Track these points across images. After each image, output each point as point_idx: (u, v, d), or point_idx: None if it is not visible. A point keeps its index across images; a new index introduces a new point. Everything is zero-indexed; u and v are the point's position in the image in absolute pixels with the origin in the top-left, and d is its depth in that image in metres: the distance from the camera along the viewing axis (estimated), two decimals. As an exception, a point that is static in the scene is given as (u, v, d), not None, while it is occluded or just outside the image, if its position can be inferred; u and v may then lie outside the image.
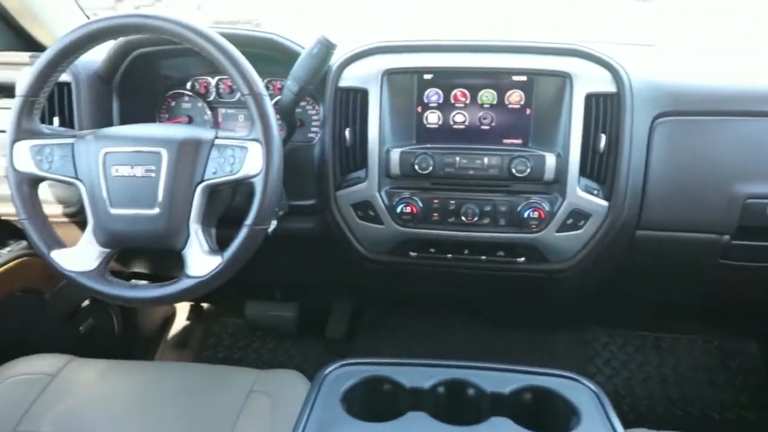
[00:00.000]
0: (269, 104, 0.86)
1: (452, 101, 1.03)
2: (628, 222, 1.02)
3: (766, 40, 1.57)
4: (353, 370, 0.75)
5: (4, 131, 0.89)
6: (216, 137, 0.87)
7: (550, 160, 0.99)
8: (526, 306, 1.59)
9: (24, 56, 1.16)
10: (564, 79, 0.99)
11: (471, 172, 1.01)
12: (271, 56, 1.08)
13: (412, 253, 1.08)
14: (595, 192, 1.01)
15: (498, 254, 1.06)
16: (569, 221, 1.01)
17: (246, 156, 0.84)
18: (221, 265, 0.84)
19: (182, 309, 1.84)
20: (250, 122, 0.86)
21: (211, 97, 1.19)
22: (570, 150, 0.99)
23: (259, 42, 1.07)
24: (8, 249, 1.22)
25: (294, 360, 1.71)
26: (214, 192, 0.88)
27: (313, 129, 1.17)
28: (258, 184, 0.84)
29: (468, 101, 1.03)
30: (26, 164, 0.88)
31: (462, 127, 1.04)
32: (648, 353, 1.65)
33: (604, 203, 1.00)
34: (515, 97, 1.02)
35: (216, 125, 1.20)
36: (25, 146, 0.88)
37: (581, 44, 1.02)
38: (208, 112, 1.20)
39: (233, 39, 0.88)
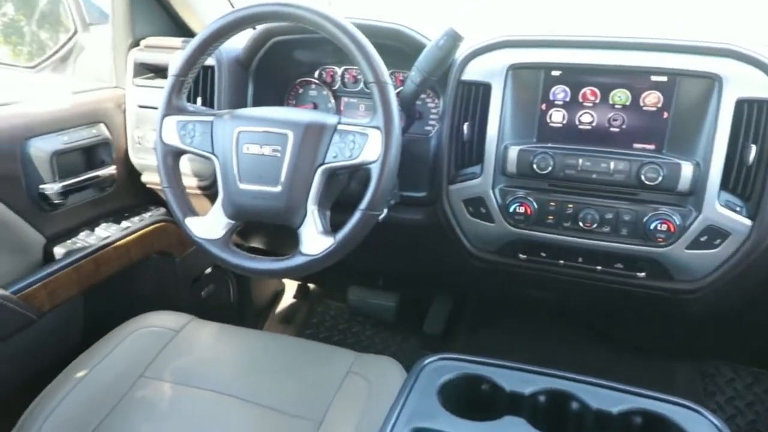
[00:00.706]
0: (393, 93, 0.87)
1: (580, 100, 0.98)
2: (776, 245, 0.90)
3: None
4: (452, 364, 0.74)
5: (156, 108, 0.99)
6: (339, 123, 0.90)
7: (687, 169, 0.90)
8: (643, 325, 1.47)
9: (177, 41, 1.28)
10: (712, 81, 0.90)
11: (594, 175, 0.95)
12: (397, 47, 1.09)
13: (521, 255, 1.05)
14: (738, 209, 0.90)
15: (616, 266, 0.99)
16: (703, 238, 0.92)
17: (366, 142, 0.86)
18: (333, 245, 0.87)
19: (291, 287, 1.94)
20: (370, 112, 0.88)
21: (336, 86, 1.24)
22: (711, 160, 0.89)
23: (386, 33, 1.09)
24: (150, 214, 1.36)
25: (390, 349, 1.73)
26: (332, 175, 0.91)
27: (430, 122, 1.17)
28: (374, 170, 0.85)
29: (597, 101, 0.97)
30: (172, 137, 0.97)
31: (588, 127, 0.98)
32: (782, 397, 1.46)
33: (747, 222, 0.90)
34: (652, 99, 0.94)
35: (338, 113, 1.25)
36: (172, 121, 0.97)
37: (735, 43, 0.92)
38: (332, 101, 1.25)
39: (362, 29, 0.90)
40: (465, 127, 1.02)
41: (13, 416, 0.87)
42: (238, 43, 1.17)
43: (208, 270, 1.54)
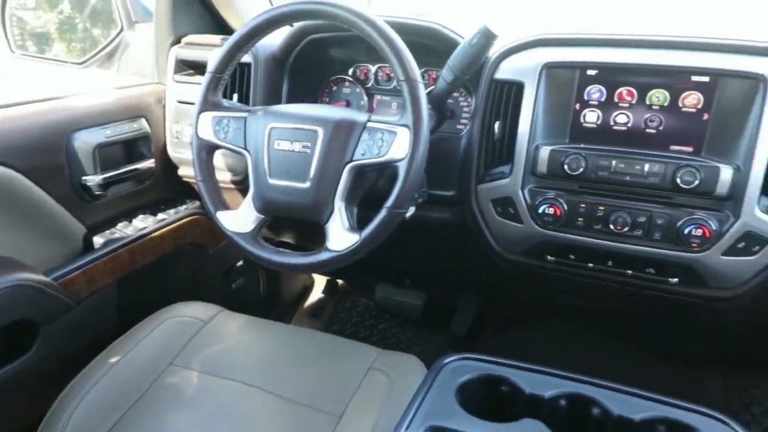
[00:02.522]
0: (422, 91, 0.87)
1: (616, 100, 0.96)
2: (819, 255, 0.86)
3: None
4: (472, 365, 0.74)
5: (194, 103, 1.02)
6: (368, 120, 0.90)
7: (726, 173, 0.87)
8: (675, 332, 1.43)
9: (217, 39, 1.32)
10: (756, 81, 0.86)
11: (627, 178, 0.93)
12: (431, 46, 1.09)
13: (549, 257, 1.03)
14: (780, 215, 0.87)
15: (647, 270, 0.97)
16: (741, 245, 0.88)
17: (394, 140, 0.86)
18: (358, 242, 0.88)
19: (319, 282, 1.96)
20: (401, 109, 0.88)
21: (369, 84, 1.25)
22: (753, 164, 0.86)
23: (421, 31, 1.09)
24: (185, 206, 1.40)
25: (415, 348, 1.73)
26: (360, 172, 0.91)
27: (462, 121, 1.17)
28: (401, 168, 0.85)
29: (634, 101, 0.95)
30: (207, 132, 0.99)
31: (623, 128, 0.96)
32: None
33: (790, 229, 0.86)
34: (692, 100, 0.91)
35: (370, 110, 1.26)
36: (208, 117, 0.99)
37: (783, 43, 0.88)
38: (365, 98, 1.25)
39: (397, 27, 0.90)
40: (496, 126, 1.01)
41: (52, 397, 0.91)
42: (275, 40, 1.19)
43: (240, 263, 1.57)
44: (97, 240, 1.19)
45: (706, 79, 0.90)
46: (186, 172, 1.35)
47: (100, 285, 1.15)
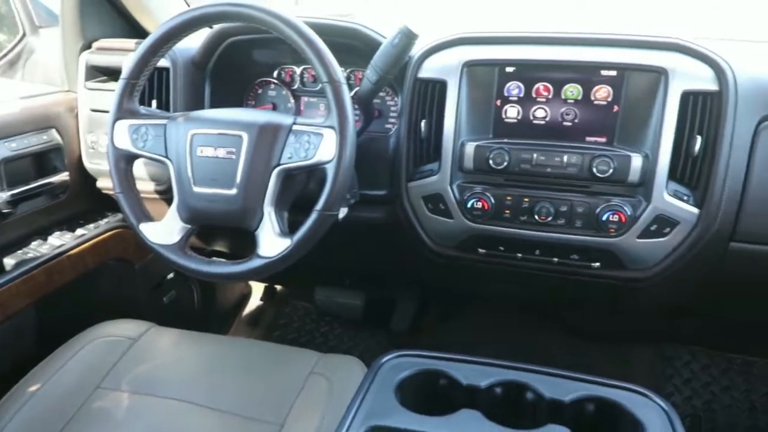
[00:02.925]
0: (346, 93, 0.87)
1: (534, 95, 1.00)
2: (721, 233, 0.93)
3: None
4: (410, 361, 0.75)
5: (107, 111, 0.97)
6: (294, 123, 0.90)
7: (636, 161, 0.93)
8: (602, 314, 1.51)
9: (131, 43, 1.26)
10: (659, 75, 0.92)
11: (548, 169, 0.97)
12: (354, 46, 1.09)
13: (480, 250, 1.06)
14: (685, 198, 0.93)
15: (571, 257, 1.02)
16: (653, 227, 0.94)
17: (320, 142, 0.86)
18: (290, 247, 0.87)
19: (257, 289, 1.93)
20: (329, 111, 0.87)
21: (296, 86, 1.23)
22: (660, 151, 0.92)
23: (342, 31, 1.09)
24: (106, 220, 1.33)
25: (358, 348, 1.73)
26: (288, 176, 0.90)
27: (390, 120, 1.18)
28: (330, 170, 0.85)
29: (551, 96, 0.99)
30: (124, 142, 0.95)
31: (542, 122, 1.00)
32: (735, 378, 1.51)
33: (695, 211, 0.93)
34: (602, 93, 0.97)
35: (298, 113, 1.24)
36: (124, 125, 0.95)
37: (680, 37, 0.95)
38: (292, 101, 1.24)
39: (318, 28, 0.90)
40: (422, 124, 1.03)
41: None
42: (194, 43, 1.15)
43: (170, 276, 1.51)
44: (8, 261, 1.10)
45: (614, 73, 0.95)
46: (105, 183, 1.28)
47: (14, 309, 1.07)
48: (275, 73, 1.24)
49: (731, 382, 1.51)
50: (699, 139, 0.91)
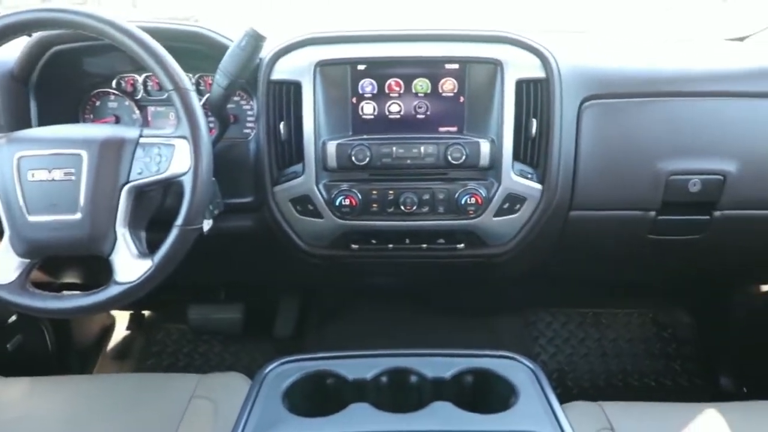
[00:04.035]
0: (195, 99, 0.83)
1: (387, 91, 1.03)
2: (562, 203, 1.05)
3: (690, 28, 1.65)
4: (294, 366, 0.74)
5: None
6: (141, 135, 0.84)
7: (485, 146, 1.00)
8: (471, 291, 1.62)
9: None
10: (495, 66, 1.01)
11: (408, 161, 1.01)
12: (200, 51, 1.04)
13: (353, 246, 1.08)
14: (529, 176, 1.03)
15: (438, 241, 1.07)
16: (505, 206, 1.03)
17: (173, 154, 0.82)
18: (151, 268, 0.81)
19: (122, 319, 1.77)
20: (178, 120, 0.83)
21: (139, 95, 1.14)
22: (503, 136, 1.00)
23: (185, 36, 1.04)
24: None
25: (242, 362, 1.67)
26: (141, 193, 0.85)
27: (248, 125, 1.14)
28: (187, 182, 0.81)
29: (402, 91, 1.03)
30: None
31: (398, 116, 1.04)
32: (588, 329, 1.71)
33: (538, 186, 1.03)
34: (449, 85, 1.03)
35: (145, 124, 1.16)
36: None
37: (511, 32, 1.04)
38: (137, 111, 1.15)
39: (157, 33, 0.85)
40: (281, 126, 1.02)
41: None
42: (9, 55, 1.03)
43: (13, 318, 1.33)
44: None
45: (456, 66, 1.02)
46: None
47: None
48: (114, 83, 1.14)
49: (586, 334, 1.71)
50: (535, 122, 1.01)
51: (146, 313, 1.78)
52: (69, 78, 1.11)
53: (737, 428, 0.86)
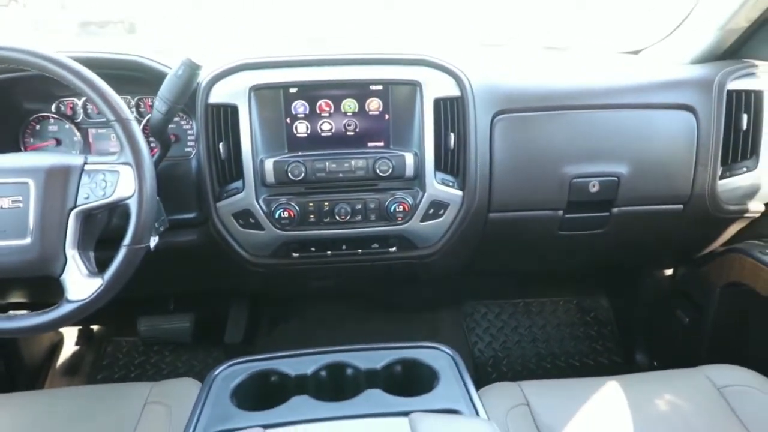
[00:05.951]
0: (136, 128, 0.88)
1: (318, 111, 1.12)
2: (481, 207, 1.17)
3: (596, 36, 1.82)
4: (241, 367, 0.82)
5: None
6: (85, 162, 0.88)
7: (409, 159, 1.11)
8: (411, 289, 1.73)
9: None
10: (415, 86, 1.11)
11: (340, 174, 1.11)
12: (138, 77, 1.09)
13: (294, 254, 1.16)
14: (451, 184, 1.15)
15: (372, 246, 1.17)
16: (430, 211, 1.14)
17: (118, 179, 0.87)
18: (102, 286, 0.86)
19: (70, 334, 1.77)
20: (121, 146, 0.88)
21: (79, 118, 1.18)
22: (425, 149, 1.11)
23: (123, 64, 1.09)
24: None
25: (195, 369, 1.72)
26: (89, 216, 0.89)
27: (189, 143, 1.20)
28: (132, 205, 0.86)
29: (332, 110, 1.12)
30: None
31: (329, 134, 1.13)
32: (520, 318, 1.86)
33: (459, 193, 1.15)
34: (374, 105, 1.13)
35: (87, 147, 1.19)
36: None
37: (429, 54, 1.15)
38: (78, 134, 1.18)
39: (95, 63, 0.89)
40: (221, 146, 1.09)
41: None
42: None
43: (-43, 341, 1.34)
44: None
45: (380, 87, 1.12)
46: None
47: None
48: (54, 107, 1.17)
49: (518, 322, 1.86)
50: (452, 135, 1.12)
51: (95, 327, 1.79)
52: (7, 105, 1.13)
53: (632, 397, 1.00)
